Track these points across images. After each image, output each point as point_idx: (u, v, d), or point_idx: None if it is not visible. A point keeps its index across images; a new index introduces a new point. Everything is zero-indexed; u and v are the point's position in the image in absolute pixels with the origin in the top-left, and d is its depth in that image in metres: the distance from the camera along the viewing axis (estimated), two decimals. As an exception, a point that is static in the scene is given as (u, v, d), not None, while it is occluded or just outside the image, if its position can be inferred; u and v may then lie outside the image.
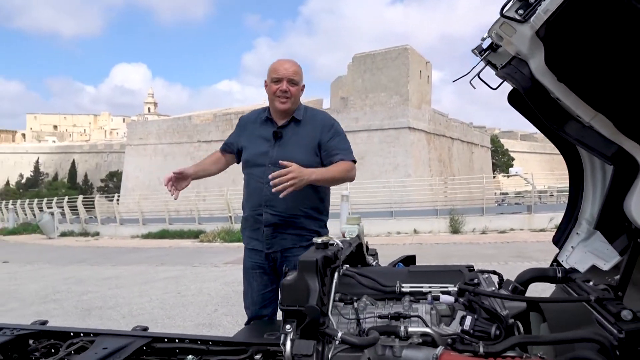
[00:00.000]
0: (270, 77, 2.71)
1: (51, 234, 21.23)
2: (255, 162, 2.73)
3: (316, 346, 1.40)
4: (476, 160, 42.37)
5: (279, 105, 2.69)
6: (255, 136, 2.79)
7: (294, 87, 2.69)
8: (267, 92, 2.75)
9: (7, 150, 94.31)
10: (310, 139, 2.72)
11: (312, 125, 2.76)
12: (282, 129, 2.74)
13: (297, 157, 2.58)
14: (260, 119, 2.83)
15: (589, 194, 2.05)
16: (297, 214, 2.67)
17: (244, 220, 2.86)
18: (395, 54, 34.13)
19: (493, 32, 1.81)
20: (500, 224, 14.56)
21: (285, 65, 2.70)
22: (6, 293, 7.98)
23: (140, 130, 41.44)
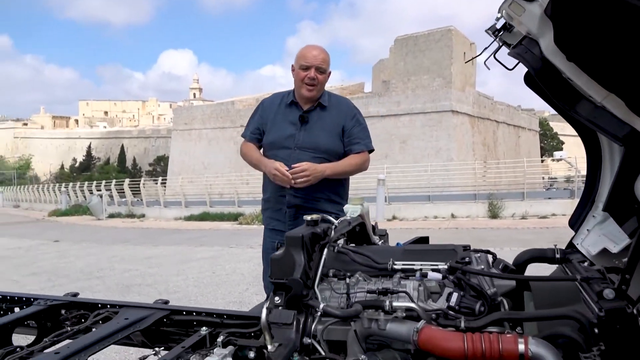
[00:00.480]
0: (298, 63, 2.75)
1: (100, 215, 22.15)
2: (281, 145, 2.79)
3: (297, 316, 1.45)
4: (523, 144, 41.14)
5: (305, 92, 2.75)
6: (281, 119, 2.85)
7: (322, 75, 2.75)
8: (295, 77, 2.81)
9: (62, 135, 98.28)
10: (335, 125, 2.80)
11: (337, 111, 2.84)
12: (307, 113, 2.80)
13: (322, 141, 2.73)
14: (284, 103, 2.88)
15: (606, 177, 2.01)
16: (319, 196, 2.77)
17: (265, 202, 2.95)
18: (438, 36, 33.35)
19: (503, 11, 1.78)
20: (541, 209, 14.17)
21: (314, 53, 2.74)
22: (56, 270, 8.44)
23: (185, 115, 42.35)
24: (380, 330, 1.44)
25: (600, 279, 1.39)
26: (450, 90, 30.08)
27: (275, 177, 2.68)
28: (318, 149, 2.76)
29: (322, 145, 2.76)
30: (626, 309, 1.23)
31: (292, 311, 1.45)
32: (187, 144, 41.05)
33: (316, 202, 2.77)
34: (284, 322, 1.43)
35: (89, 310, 2.52)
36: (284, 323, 1.43)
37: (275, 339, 1.38)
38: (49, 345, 2.14)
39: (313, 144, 2.75)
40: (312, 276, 1.57)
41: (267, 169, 2.73)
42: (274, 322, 1.44)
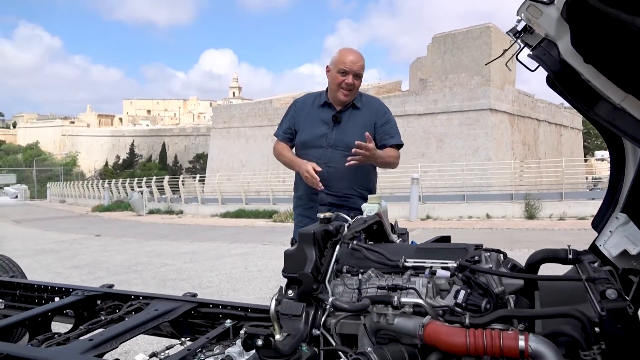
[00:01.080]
0: (337, 67, 2.81)
1: (140, 211, 22.76)
2: (313, 144, 2.88)
3: (307, 309, 1.51)
4: (565, 143, 39.97)
5: (341, 96, 2.83)
6: (314, 119, 2.93)
7: (358, 80, 2.83)
8: (330, 79, 2.87)
9: (106, 133, 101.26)
10: (367, 123, 2.87)
11: (369, 110, 2.92)
12: (340, 113, 2.89)
13: (353, 140, 2.74)
14: (317, 103, 2.96)
15: (629, 178, 1.99)
16: (351, 193, 2.85)
17: (297, 199, 3.04)
18: (476, 33, 32.73)
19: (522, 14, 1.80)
20: (580, 210, 13.77)
21: (353, 59, 2.80)
22: (96, 263, 8.77)
23: (224, 114, 42.99)
24: (388, 325, 1.49)
25: (606, 280, 1.40)
26: (489, 88, 29.49)
27: (307, 179, 2.76)
28: (350, 147, 2.78)
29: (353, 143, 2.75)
30: (627, 309, 1.24)
31: (301, 303, 1.52)
32: (225, 141, 41.67)
33: (348, 199, 2.84)
34: (294, 314, 1.50)
35: (122, 301, 2.66)
36: (294, 314, 1.50)
37: (284, 329, 1.45)
38: (84, 332, 2.28)
39: (345, 142, 2.81)
40: (323, 271, 1.63)
41: (300, 169, 2.81)
42: (284, 313, 1.51)
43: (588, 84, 1.72)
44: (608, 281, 1.39)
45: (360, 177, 2.88)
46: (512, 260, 1.76)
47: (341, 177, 2.79)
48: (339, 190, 2.82)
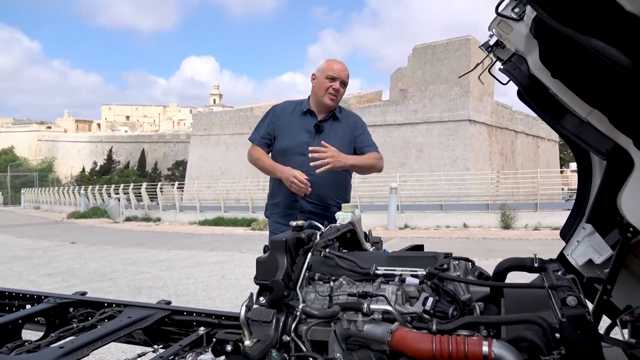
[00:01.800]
0: (325, 73, 2.90)
1: (117, 218, 22.47)
2: (296, 151, 2.90)
3: (277, 315, 1.53)
4: (542, 154, 40.66)
5: (328, 101, 2.90)
6: (295, 126, 2.96)
7: (343, 88, 2.94)
8: (317, 85, 2.94)
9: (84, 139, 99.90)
10: (347, 135, 2.96)
11: (347, 122, 3.02)
12: (322, 122, 2.94)
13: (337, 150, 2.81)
14: (299, 111, 3.00)
15: (596, 189, 2.05)
16: (330, 203, 2.90)
17: (273, 207, 3.04)
18: (456, 45, 33.23)
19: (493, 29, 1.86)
20: (554, 220, 14.01)
21: (340, 67, 2.93)
22: (71, 271, 8.63)
23: (204, 121, 42.78)
24: (358, 331, 1.51)
25: (567, 287, 1.44)
26: (468, 99, 29.93)
27: (292, 185, 2.77)
28: None
29: None
30: (586, 316, 1.28)
31: (272, 310, 1.53)
32: (205, 149, 41.43)
33: (327, 208, 2.89)
34: (264, 320, 1.51)
35: (95, 308, 2.62)
36: (264, 321, 1.51)
37: (254, 336, 1.46)
38: (55, 340, 2.25)
39: None
40: (294, 278, 1.65)
41: (284, 175, 2.82)
42: (254, 319, 1.52)
43: (556, 98, 1.78)
44: (570, 289, 1.43)
45: (340, 187, 2.96)
46: (479, 269, 1.80)
47: (322, 185, 2.83)
48: (320, 198, 2.86)
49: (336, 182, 2.91)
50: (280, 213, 2.98)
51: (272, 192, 3.06)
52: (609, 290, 1.85)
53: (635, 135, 1.48)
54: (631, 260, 1.87)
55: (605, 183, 1.81)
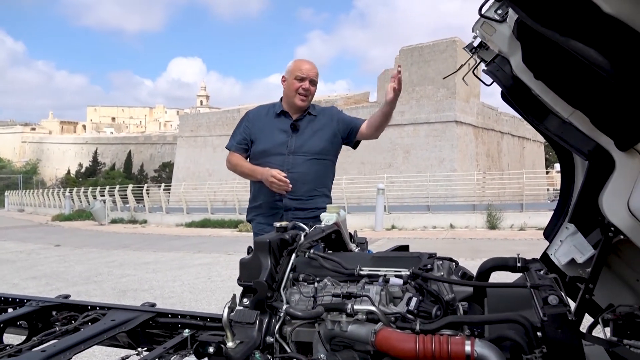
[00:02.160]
0: (294, 74, 2.92)
1: (102, 220, 22.27)
2: (274, 152, 2.92)
3: (261, 317, 1.52)
4: (528, 155, 41.02)
5: (298, 102, 2.92)
6: (271, 128, 2.98)
7: (314, 87, 2.95)
8: (287, 87, 2.97)
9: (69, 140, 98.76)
10: (326, 129, 2.98)
11: (324, 117, 3.03)
12: (297, 121, 2.96)
13: (314, 144, 2.92)
14: (272, 113, 3.02)
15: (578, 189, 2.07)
16: (314, 194, 2.93)
17: (255, 209, 3.05)
18: (443, 47, 33.38)
19: (476, 30, 1.87)
20: (540, 221, 14.14)
21: (308, 66, 2.93)
22: (54, 274, 8.53)
23: (191, 122, 42.55)
24: (342, 332, 1.50)
25: (549, 287, 1.45)
26: (455, 100, 30.11)
27: (272, 184, 2.80)
28: (310, 152, 2.93)
29: (315, 147, 2.94)
30: (567, 314, 1.29)
31: (255, 311, 1.53)
32: (192, 150, 41.21)
33: (311, 200, 2.92)
34: (247, 322, 1.50)
35: (78, 311, 2.59)
36: (247, 322, 1.50)
37: (238, 337, 1.45)
38: (37, 344, 2.21)
39: (306, 147, 2.92)
40: (278, 279, 1.65)
41: (264, 176, 2.83)
42: (237, 321, 1.51)
43: (539, 99, 1.80)
44: (551, 288, 1.44)
45: (321, 178, 3.00)
46: (463, 268, 1.81)
47: (304, 181, 2.88)
48: (303, 193, 2.89)
49: (317, 174, 2.96)
50: (264, 214, 2.99)
51: (253, 196, 3.08)
52: (591, 289, 1.87)
53: (616, 136, 1.50)
54: (613, 260, 1.89)
55: (587, 183, 1.83)
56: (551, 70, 1.52)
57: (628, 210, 1.50)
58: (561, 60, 1.40)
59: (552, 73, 1.53)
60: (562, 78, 1.51)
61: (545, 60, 1.50)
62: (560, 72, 1.49)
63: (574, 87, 1.50)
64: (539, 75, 1.58)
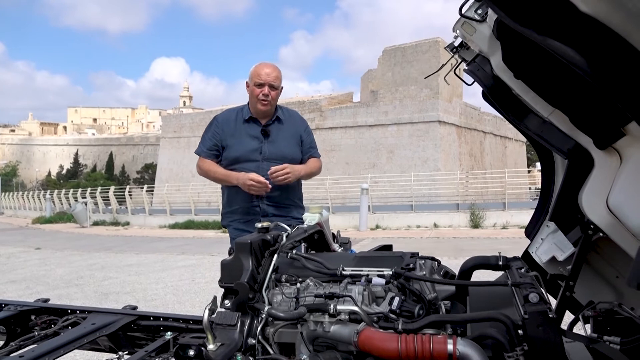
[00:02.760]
0: (253, 80, 2.93)
1: (84, 222, 21.99)
2: (247, 158, 2.93)
3: (242, 318, 1.50)
4: (510, 154, 41.50)
5: (260, 107, 2.93)
6: (241, 134, 2.99)
7: (274, 91, 2.93)
8: (249, 93, 2.98)
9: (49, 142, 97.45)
10: (294, 135, 3.05)
11: (292, 122, 3.08)
12: (267, 127, 2.98)
13: (286, 152, 2.97)
14: (241, 118, 3.02)
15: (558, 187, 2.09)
16: (289, 203, 2.99)
17: (230, 214, 3.05)
18: (425, 47, 33.62)
19: (457, 30, 1.88)
20: (522, 219, 14.30)
21: (267, 71, 2.92)
22: (35, 277, 8.38)
23: (174, 123, 42.27)
24: (324, 333, 1.49)
25: (530, 284, 1.46)
26: (438, 100, 30.33)
27: (251, 187, 2.79)
28: (284, 159, 2.95)
29: (288, 155, 2.98)
30: (548, 312, 1.30)
31: (236, 313, 1.51)
32: (175, 151, 40.92)
33: (286, 208, 2.97)
34: (228, 324, 1.48)
35: (58, 315, 2.55)
36: (228, 324, 1.48)
37: (219, 340, 1.43)
38: (15, 349, 2.17)
39: (279, 154, 2.95)
40: (260, 280, 1.63)
41: (241, 180, 2.83)
42: (219, 323, 1.49)
43: (519, 99, 1.81)
44: (532, 286, 1.45)
45: (294, 188, 3.05)
46: (445, 267, 1.81)
47: (279, 188, 2.89)
48: (279, 200, 2.93)
49: (293, 184, 3.00)
50: (240, 219, 2.98)
51: (227, 201, 3.06)
52: (572, 286, 1.89)
53: (595, 135, 1.52)
54: (592, 257, 1.91)
55: (566, 182, 1.85)
56: (531, 70, 1.53)
57: (607, 208, 1.51)
58: (540, 59, 1.41)
59: (532, 72, 1.54)
60: (541, 77, 1.52)
61: (524, 59, 1.51)
62: (539, 72, 1.50)
63: (553, 87, 1.51)
64: (518, 74, 1.59)
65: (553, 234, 1.99)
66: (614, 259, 1.87)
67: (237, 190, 2.91)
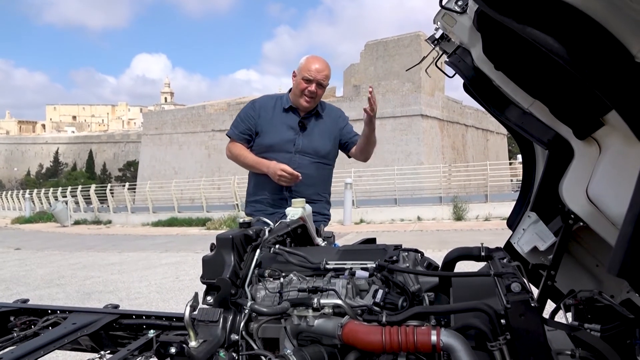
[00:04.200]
0: (302, 74, 2.83)
1: (65, 222, 21.68)
2: (281, 149, 2.87)
3: (225, 314, 1.49)
4: (491, 147, 41.92)
5: (303, 103, 2.86)
6: (279, 123, 2.91)
7: (321, 89, 2.86)
8: (295, 84, 2.90)
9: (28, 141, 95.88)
10: (331, 131, 2.98)
11: (330, 117, 3.02)
12: (305, 119, 2.92)
13: (321, 147, 2.92)
14: (280, 106, 2.94)
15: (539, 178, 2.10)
16: (317, 199, 2.93)
17: (256, 203, 2.98)
18: (407, 41, 33.76)
19: (437, 21, 1.87)
20: (504, 211, 14.45)
21: (318, 67, 2.83)
22: (15, 278, 8.24)
23: (155, 120, 41.84)
24: (308, 327, 1.49)
25: (512, 274, 1.47)
26: (420, 94, 30.48)
27: (282, 178, 2.75)
28: (318, 154, 2.92)
29: (322, 150, 2.93)
30: (529, 301, 1.30)
31: (218, 309, 1.49)
32: (157, 148, 40.54)
33: (315, 204, 2.84)
34: (210, 320, 1.47)
35: (38, 316, 2.50)
36: (210, 321, 1.47)
37: (201, 336, 1.42)
38: (-6, 351, 2.12)
39: (313, 149, 2.90)
40: (242, 276, 1.62)
41: (271, 170, 2.78)
42: (201, 320, 1.48)
43: (500, 90, 1.81)
44: (514, 275, 1.45)
45: (325, 183, 3.01)
46: (428, 259, 1.82)
47: (309, 184, 2.86)
48: (306, 195, 2.81)
49: (321, 178, 2.97)
50: (264, 211, 2.89)
51: (254, 190, 3.00)
52: (553, 275, 1.91)
53: (574, 125, 1.52)
54: (573, 246, 1.93)
55: (547, 172, 1.86)
56: (511, 61, 1.53)
57: (587, 198, 1.53)
58: (521, 50, 1.41)
59: (512, 64, 1.54)
60: (521, 68, 1.53)
61: (505, 51, 1.51)
62: (519, 63, 1.50)
63: (533, 78, 1.52)
64: (499, 66, 1.59)
65: (534, 225, 2.00)
66: (594, 248, 1.89)
67: (265, 179, 2.86)
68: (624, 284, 1.81)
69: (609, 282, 1.89)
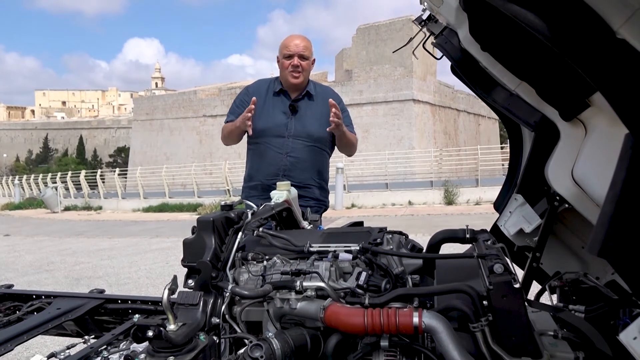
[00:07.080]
0: (282, 53, 2.87)
1: (55, 208, 21.56)
2: (273, 133, 2.87)
3: (205, 297, 1.47)
4: (483, 132, 42.00)
5: (291, 79, 2.85)
6: (270, 107, 2.92)
7: (305, 61, 2.85)
8: (280, 67, 2.92)
9: (17, 127, 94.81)
10: (324, 114, 2.89)
11: (324, 100, 2.93)
12: (296, 102, 2.91)
13: (314, 130, 2.89)
14: (272, 91, 2.95)
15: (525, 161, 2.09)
16: (311, 184, 2.91)
17: (249, 190, 2.98)
18: (399, 25, 33.51)
19: (424, 2, 1.84)
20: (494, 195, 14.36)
21: (296, 41, 2.85)
22: (3, 264, 8.20)
23: (146, 105, 41.45)
24: (291, 310, 1.47)
25: (495, 256, 1.46)
26: (412, 79, 30.38)
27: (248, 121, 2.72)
28: (310, 137, 2.89)
29: (315, 133, 2.90)
30: (512, 282, 1.29)
31: (198, 292, 1.48)
32: (148, 134, 40.24)
33: (308, 189, 2.88)
34: (190, 303, 1.45)
35: (22, 301, 2.48)
36: (190, 304, 1.45)
37: (181, 319, 1.40)
38: (-24, 337, 2.10)
39: (306, 132, 2.88)
40: (223, 259, 1.60)
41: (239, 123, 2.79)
42: (181, 303, 1.46)
43: (486, 72, 1.79)
44: (497, 257, 1.44)
45: (319, 168, 2.97)
46: (412, 241, 1.81)
47: (302, 168, 2.85)
48: (300, 180, 2.84)
49: (315, 163, 2.93)
50: (258, 196, 2.89)
51: (249, 175, 3.01)
52: (538, 257, 1.91)
53: (560, 106, 1.51)
54: (559, 228, 1.93)
55: (533, 154, 1.85)
56: (497, 42, 1.51)
57: (572, 179, 1.52)
58: (507, 30, 1.39)
59: (498, 44, 1.52)
60: (508, 49, 1.50)
61: (491, 31, 1.48)
62: (506, 44, 1.48)
63: (519, 58, 1.49)
64: (485, 46, 1.57)
65: (521, 207, 2.00)
66: (579, 230, 1.89)
67: (261, 164, 2.88)
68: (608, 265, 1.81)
69: (594, 264, 1.90)
